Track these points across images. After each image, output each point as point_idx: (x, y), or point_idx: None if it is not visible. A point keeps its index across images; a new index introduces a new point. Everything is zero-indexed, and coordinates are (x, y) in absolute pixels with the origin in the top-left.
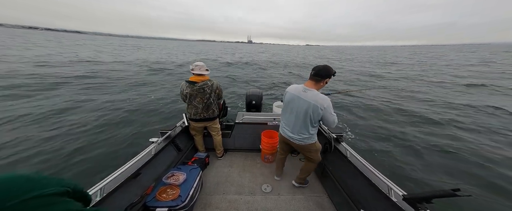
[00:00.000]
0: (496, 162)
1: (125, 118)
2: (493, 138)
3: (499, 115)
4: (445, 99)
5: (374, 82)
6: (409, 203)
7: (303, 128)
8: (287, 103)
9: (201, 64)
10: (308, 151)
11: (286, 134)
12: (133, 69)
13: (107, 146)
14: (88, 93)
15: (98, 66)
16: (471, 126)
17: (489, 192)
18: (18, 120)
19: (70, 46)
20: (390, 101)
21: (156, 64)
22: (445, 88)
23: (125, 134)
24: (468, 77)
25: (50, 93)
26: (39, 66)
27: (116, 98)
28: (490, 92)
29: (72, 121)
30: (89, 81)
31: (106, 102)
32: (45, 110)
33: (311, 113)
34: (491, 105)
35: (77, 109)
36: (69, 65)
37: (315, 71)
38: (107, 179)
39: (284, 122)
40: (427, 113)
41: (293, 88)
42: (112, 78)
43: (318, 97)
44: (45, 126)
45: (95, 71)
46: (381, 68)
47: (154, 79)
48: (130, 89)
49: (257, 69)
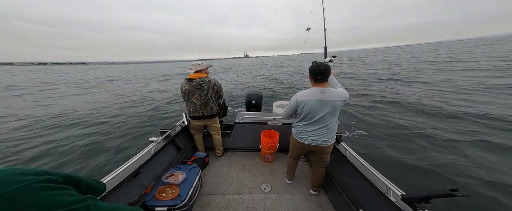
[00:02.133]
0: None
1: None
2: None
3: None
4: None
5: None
6: (407, 203)
7: (334, 128)
8: (309, 111)
9: (200, 63)
10: (327, 152)
11: (314, 142)
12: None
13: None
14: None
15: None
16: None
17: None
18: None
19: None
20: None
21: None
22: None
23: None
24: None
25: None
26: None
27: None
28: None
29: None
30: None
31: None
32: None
33: (339, 109)
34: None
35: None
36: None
37: (322, 76)
38: (107, 178)
39: (310, 130)
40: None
41: (309, 94)
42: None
43: (339, 93)
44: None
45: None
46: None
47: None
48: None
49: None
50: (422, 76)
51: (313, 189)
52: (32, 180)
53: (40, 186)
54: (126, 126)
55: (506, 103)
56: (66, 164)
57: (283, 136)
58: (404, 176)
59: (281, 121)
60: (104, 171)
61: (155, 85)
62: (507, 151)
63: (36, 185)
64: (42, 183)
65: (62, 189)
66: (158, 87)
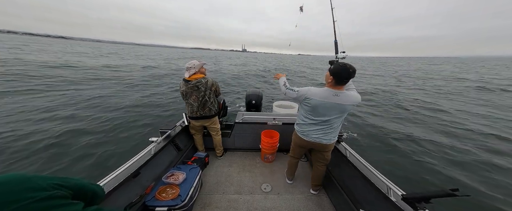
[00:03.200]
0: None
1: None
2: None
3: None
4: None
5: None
6: (408, 203)
7: (339, 128)
8: (315, 110)
9: (192, 64)
10: (329, 150)
11: (317, 139)
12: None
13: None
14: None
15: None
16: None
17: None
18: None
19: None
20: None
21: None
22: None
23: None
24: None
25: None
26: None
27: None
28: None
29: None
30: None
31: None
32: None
33: (347, 112)
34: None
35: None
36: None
37: (348, 79)
38: (107, 178)
39: (314, 129)
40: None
41: (321, 94)
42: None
43: (352, 97)
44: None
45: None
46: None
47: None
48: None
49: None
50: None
51: (313, 188)
52: (34, 198)
53: (40, 206)
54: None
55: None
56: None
57: (283, 136)
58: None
59: (281, 121)
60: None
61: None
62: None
63: (35, 205)
64: (44, 202)
65: (67, 205)
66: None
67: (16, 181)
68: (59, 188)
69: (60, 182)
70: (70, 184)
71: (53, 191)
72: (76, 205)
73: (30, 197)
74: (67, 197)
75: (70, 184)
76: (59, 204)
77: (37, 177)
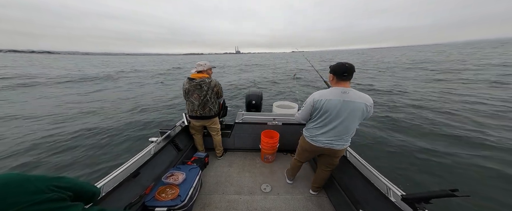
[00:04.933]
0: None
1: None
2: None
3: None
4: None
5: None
6: (407, 203)
7: (352, 131)
8: (326, 111)
9: (203, 63)
10: (341, 154)
11: (328, 145)
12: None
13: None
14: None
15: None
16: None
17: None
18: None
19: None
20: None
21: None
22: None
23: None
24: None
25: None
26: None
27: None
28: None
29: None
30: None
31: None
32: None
33: (365, 112)
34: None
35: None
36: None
37: (348, 73)
38: (106, 178)
39: (324, 132)
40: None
41: (327, 93)
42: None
43: (363, 95)
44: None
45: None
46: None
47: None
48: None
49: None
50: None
51: (313, 189)
52: (32, 201)
53: (38, 209)
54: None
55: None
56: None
57: (283, 136)
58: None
59: (281, 121)
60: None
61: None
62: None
63: (33, 208)
64: (42, 204)
65: (65, 208)
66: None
67: (15, 183)
68: (58, 190)
69: (58, 183)
70: (69, 185)
71: (51, 193)
72: (75, 208)
73: (28, 200)
74: (65, 199)
75: (69, 185)
76: (57, 207)
77: (36, 178)
